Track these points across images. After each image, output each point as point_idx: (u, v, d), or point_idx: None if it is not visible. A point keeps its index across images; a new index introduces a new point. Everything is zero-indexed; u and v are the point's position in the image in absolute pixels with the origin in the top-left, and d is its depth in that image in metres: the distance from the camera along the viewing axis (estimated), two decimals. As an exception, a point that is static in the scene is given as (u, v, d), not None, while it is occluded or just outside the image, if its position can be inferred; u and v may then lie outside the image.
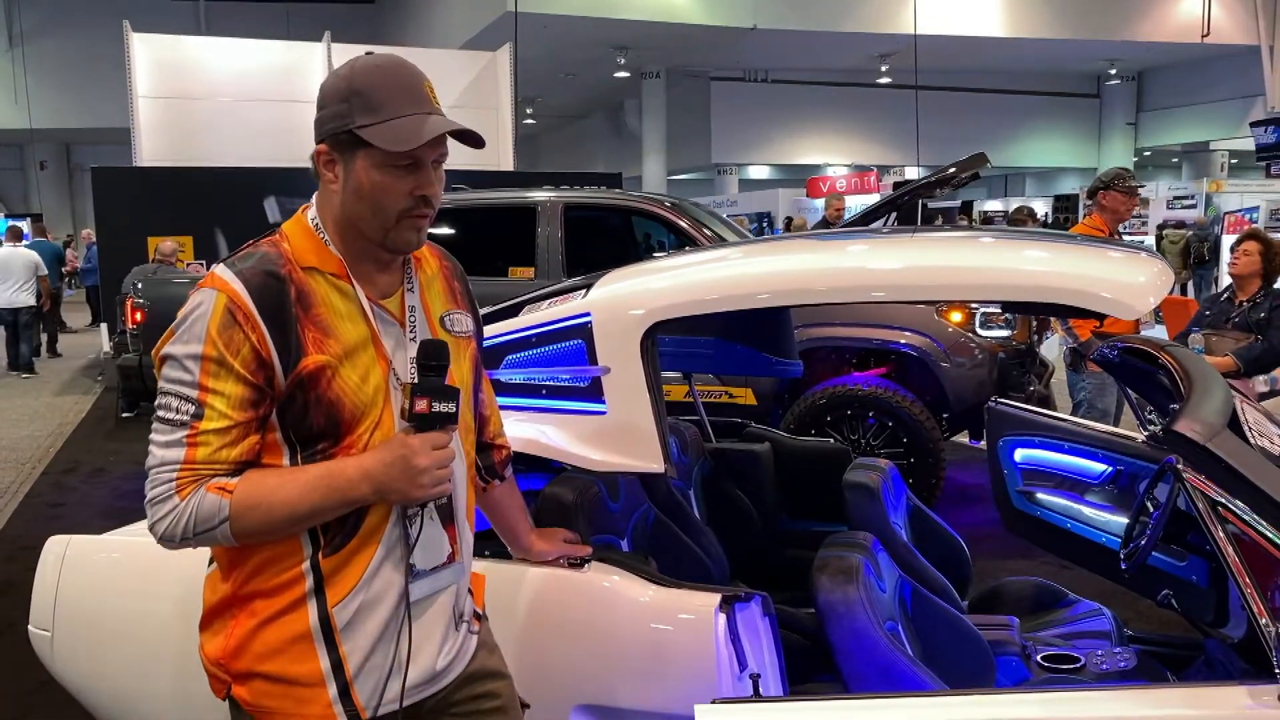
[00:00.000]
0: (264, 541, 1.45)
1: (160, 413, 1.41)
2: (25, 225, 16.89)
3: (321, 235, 1.50)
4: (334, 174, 1.47)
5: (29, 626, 2.33)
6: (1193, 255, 16.31)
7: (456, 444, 1.57)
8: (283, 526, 1.42)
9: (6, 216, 23.75)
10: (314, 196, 1.55)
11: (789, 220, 17.85)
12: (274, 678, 1.47)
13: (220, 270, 1.44)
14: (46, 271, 12.86)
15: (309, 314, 1.44)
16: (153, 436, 1.41)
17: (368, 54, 1.51)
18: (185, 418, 1.39)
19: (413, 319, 1.55)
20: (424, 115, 1.45)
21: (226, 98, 12.48)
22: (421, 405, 1.41)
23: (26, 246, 13.23)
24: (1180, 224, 18.02)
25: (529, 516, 2.03)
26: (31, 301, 12.24)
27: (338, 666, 1.47)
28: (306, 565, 1.46)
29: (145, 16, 15.45)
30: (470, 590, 1.70)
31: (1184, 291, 15.96)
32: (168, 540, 1.41)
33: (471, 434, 1.69)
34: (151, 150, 12.30)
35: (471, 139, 1.48)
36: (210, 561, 1.56)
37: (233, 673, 1.50)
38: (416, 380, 1.46)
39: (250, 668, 1.48)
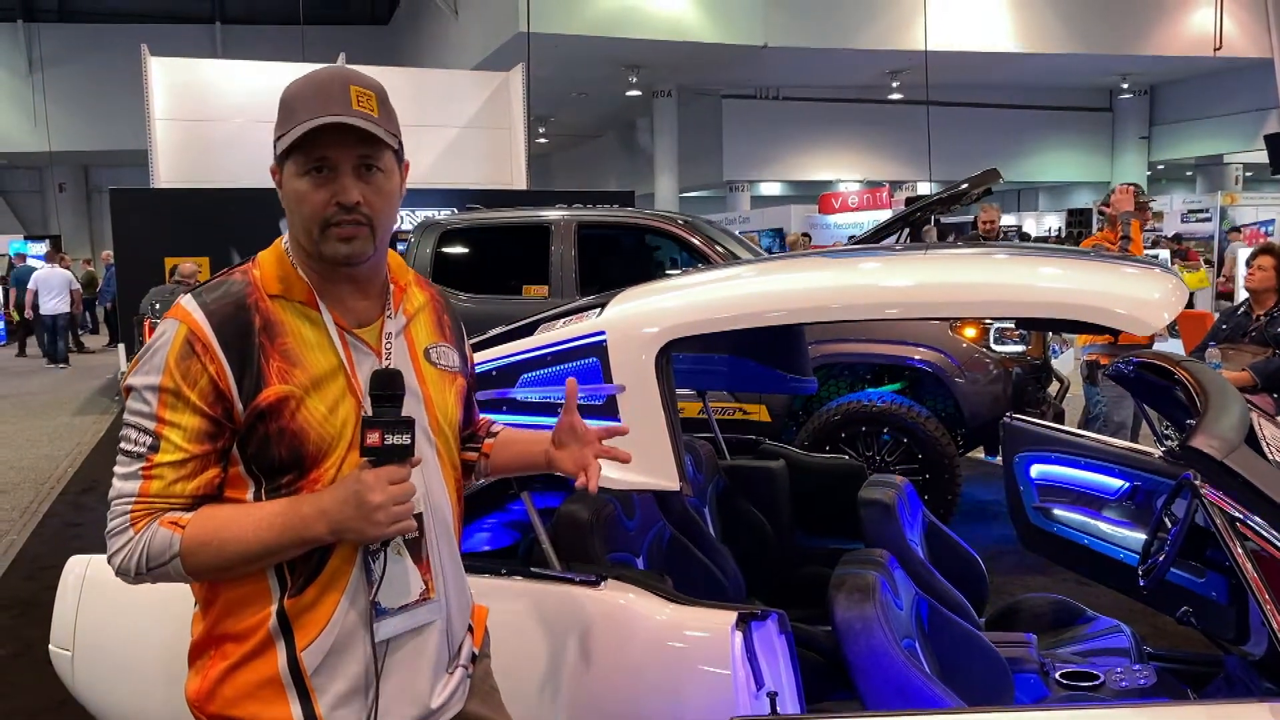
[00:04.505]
0: (223, 579, 1.41)
1: (121, 444, 1.39)
2: (40, 248, 18.46)
3: (292, 261, 1.46)
4: (282, 191, 1.44)
5: (49, 646, 2.35)
6: None
7: (439, 482, 1.53)
8: (237, 564, 1.38)
9: (26, 238, 24.05)
10: None
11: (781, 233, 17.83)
12: None
13: (185, 301, 1.41)
14: (79, 286, 16.52)
15: (275, 344, 1.40)
16: (115, 469, 1.39)
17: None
18: (142, 449, 1.37)
19: (389, 346, 1.49)
20: (327, 116, 1.36)
21: (243, 119, 12.59)
22: (373, 438, 1.34)
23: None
24: None
25: (538, 440, 1.73)
26: (66, 309, 15.62)
27: (309, 712, 1.43)
28: (273, 608, 1.42)
29: (162, 40, 15.64)
30: (470, 627, 1.65)
31: None
32: (124, 574, 1.38)
33: (457, 471, 1.61)
34: (169, 172, 12.44)
35: (363, 131, 1.38)
36: (195, 602, 1.52)
37: (207, 715, 1.47)
38: (371, 413, 1.39)
39: (222, 711, 1.45)
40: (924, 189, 21.15)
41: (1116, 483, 2.89)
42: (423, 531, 1.50)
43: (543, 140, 27.87)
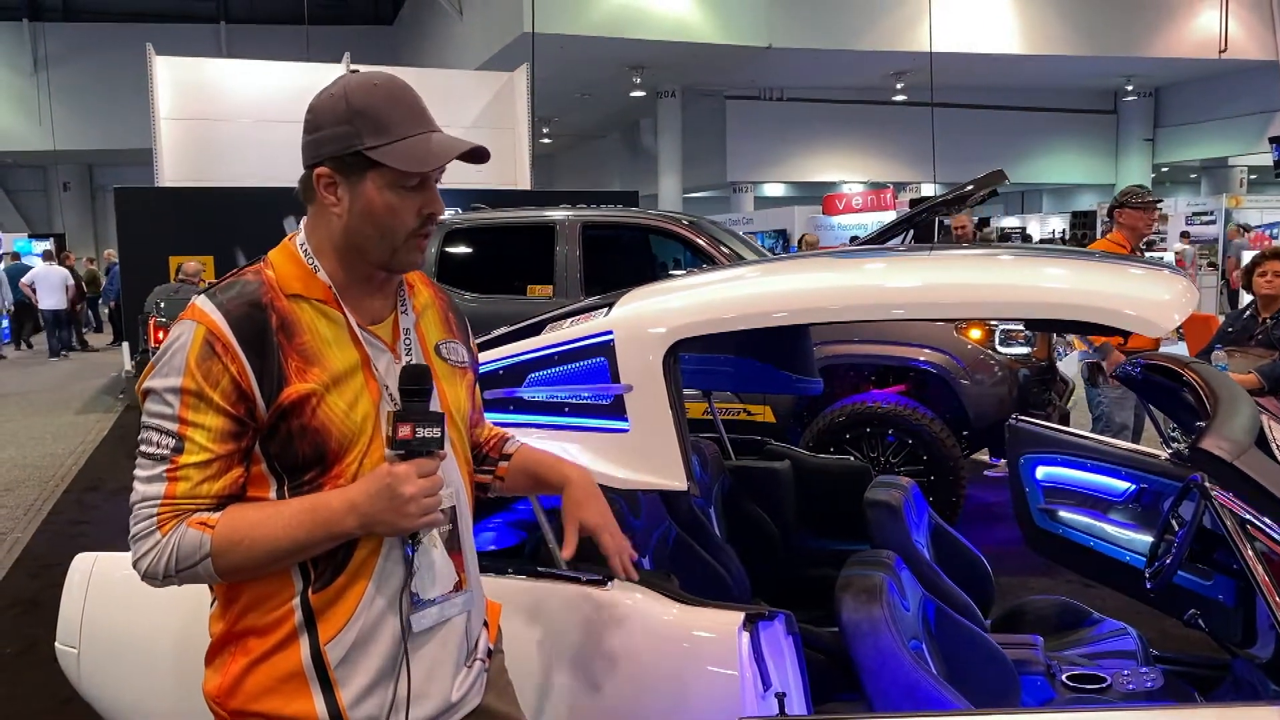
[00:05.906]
0: (250, 578, 1.42)
1: (142, 447, 1.39)
2: (47, 245, 18.87)
3: (310, 261, 1.47)
4: (336, 196, 1.44)
5: (55, 643, 2.35)
6: None
7: (455, 473, 1.54)
8: (267, 563, 1.39)
9: (31, 237, 24.13)
10: (302, 221, 1.52)
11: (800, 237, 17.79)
12: (268, 717, 1.45)
13: (200, 301, 1.42)
14: (74, 283, 17.15)
15: (293, 342, 1.41)
16: (135, 472, 1.39)
17: (353, 71, 1.50)
18: (166, 452, 1.37)
19: (407, 342, 1.52)
20: (429, 134, 1.44)
21: (247, 119, 12.63)
22: (405, 431, 1.36)
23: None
24: None
25: (561, 464, 1.79)
26: (65, 305, 16.33)
27: (333, 706, 1.44)
28: (296, 601, 1.43)
29: (167, 39, 15.68)
30: (485, 622, 1.67)
31: None
32: (151, 578, 1.38)
33: (469, 464, 1.65)
34: (173, 171, 12.47)
35: (480, 155, 1.48)
36: (213, 600, 1.53)
37: (228, 711, 1.47)
38: (399, 407, 1.42)
39: (244, 707, 1.45)
40: (928, 190, 21.13)
41: (1122, 485, 2.89)
42: (455, 523, 1.53)
43: (547, 140, 27.88)
